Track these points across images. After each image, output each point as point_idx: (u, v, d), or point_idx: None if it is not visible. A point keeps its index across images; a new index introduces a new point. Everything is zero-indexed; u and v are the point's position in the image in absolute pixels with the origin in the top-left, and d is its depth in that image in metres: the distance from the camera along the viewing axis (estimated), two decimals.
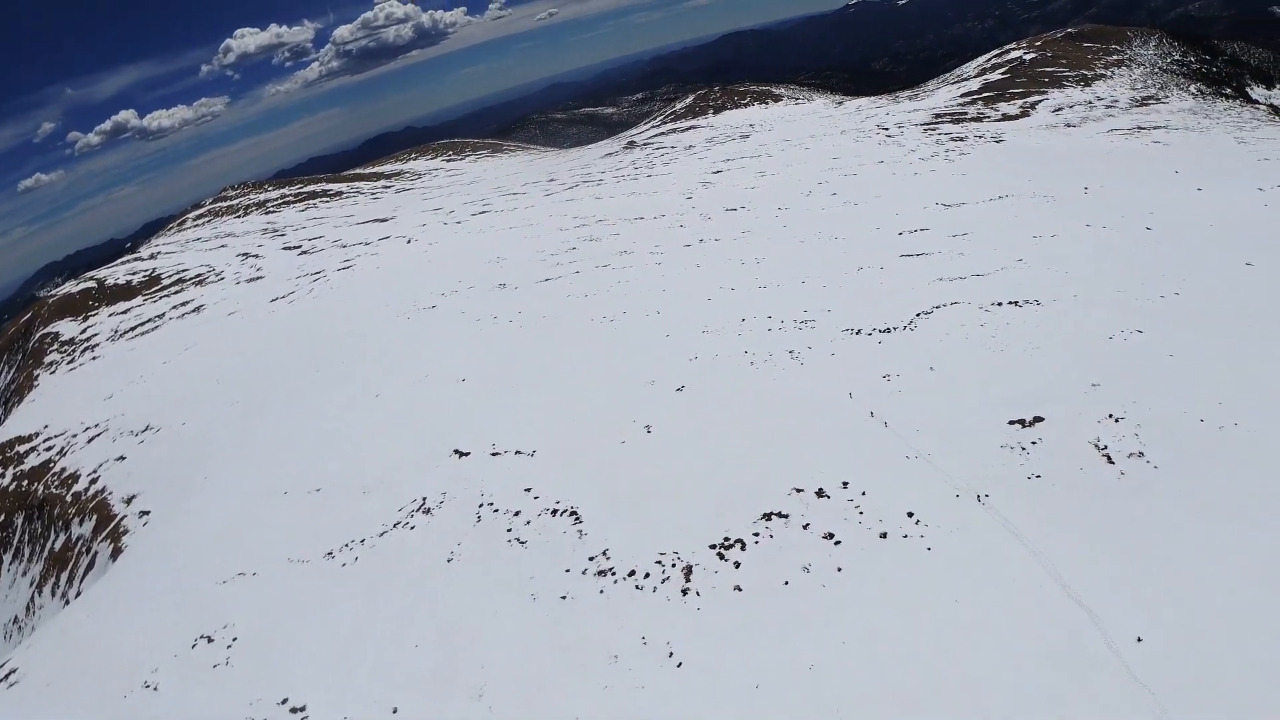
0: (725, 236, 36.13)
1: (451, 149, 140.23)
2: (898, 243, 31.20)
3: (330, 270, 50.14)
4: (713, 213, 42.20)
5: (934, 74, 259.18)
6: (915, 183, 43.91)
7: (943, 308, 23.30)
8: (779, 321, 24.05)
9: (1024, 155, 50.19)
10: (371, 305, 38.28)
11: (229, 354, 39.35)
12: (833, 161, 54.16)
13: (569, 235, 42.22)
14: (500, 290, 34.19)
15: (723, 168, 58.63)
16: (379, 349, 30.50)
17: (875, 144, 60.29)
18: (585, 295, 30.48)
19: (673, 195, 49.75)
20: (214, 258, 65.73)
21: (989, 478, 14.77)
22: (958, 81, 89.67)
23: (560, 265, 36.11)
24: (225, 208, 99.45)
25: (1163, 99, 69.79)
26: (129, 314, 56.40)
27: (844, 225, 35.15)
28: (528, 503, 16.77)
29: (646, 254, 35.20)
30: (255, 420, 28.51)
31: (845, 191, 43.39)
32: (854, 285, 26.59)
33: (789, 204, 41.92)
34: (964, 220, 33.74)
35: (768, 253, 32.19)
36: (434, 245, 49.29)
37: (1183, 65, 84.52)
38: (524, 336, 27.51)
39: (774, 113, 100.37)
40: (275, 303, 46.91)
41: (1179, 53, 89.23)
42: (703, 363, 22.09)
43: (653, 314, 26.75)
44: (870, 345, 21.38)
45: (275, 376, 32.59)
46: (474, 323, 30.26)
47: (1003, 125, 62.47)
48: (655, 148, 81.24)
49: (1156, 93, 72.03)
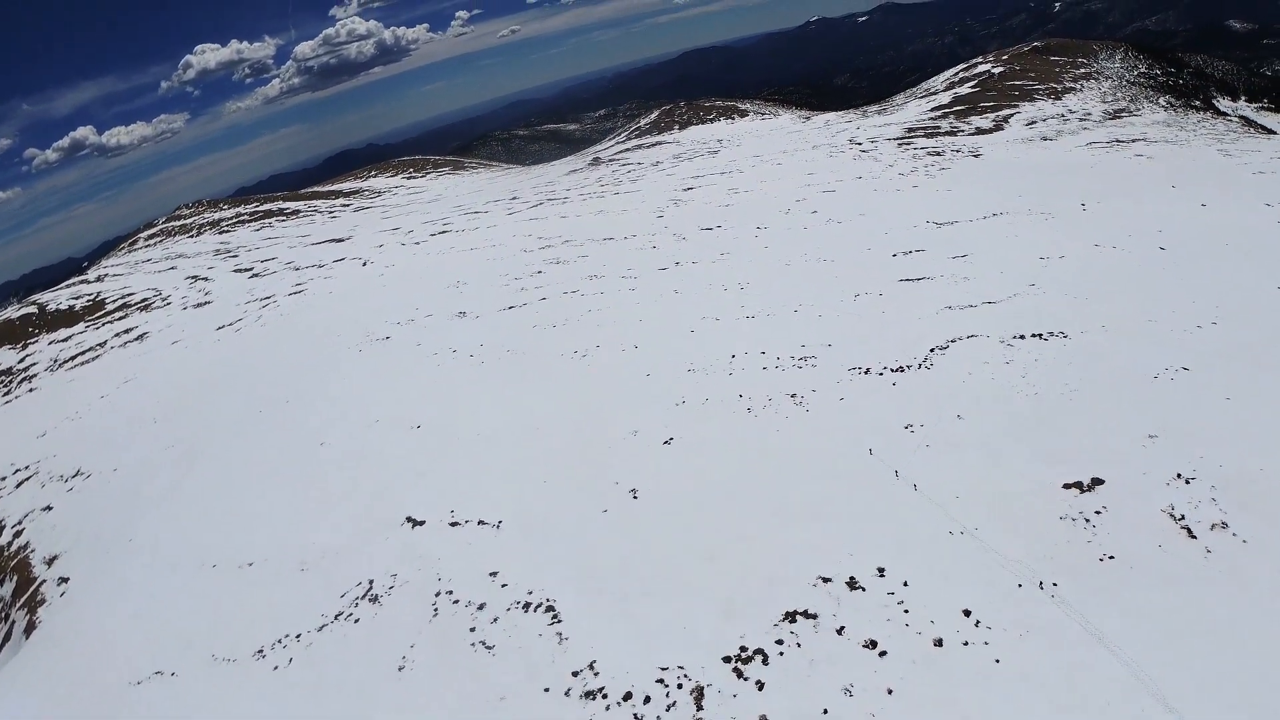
0: (703, 259, 33.59)
1: (412, 166, 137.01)
2: (894, 265, 28.90)
3: (281, 295, 46.98)
4: (687, 232, 39.75)
5: (896, 89, 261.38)
6: (899, 199, 41.86)
7: (959, 342, 20.93)
8: (775, 358, 21.45)
9: (1006, 169, 48.48)
10: (322, 335, 35.30)
11: (169, 389, 36.18)
12: (808, 177, 52.12)
13: (534, 257, 39.52)
14: (460, 319, 31.35)
15: (693, 184, 56.41)
16: (326, 387, 27.57)
17: (850, 159, 58.43)
18: (553, 325, 27.71)
19: (643, 214, 47.31)
20: (162, 280, 62.17)
21: (1052, 560, 12.30)
22: (926, 95, 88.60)
23: (525, 291, 33.33)
24: (178, 227, 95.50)
25: (1135, 112, 68.95)
26: (70, 342, 52.76)
27: (831, 246, 32.85)
28: (494, 592, 13.91)
29: (619, 278, 32.53)
30: (188, 470, 25.49)
31: (826, 209, 41.21)
32: (853, 314, 24.11)
33: (767, 222, 39.62)
34: (960, 240, 31.60)
35: (752, 277, 29.65)
36: (391, 268, 46.38)
37: (1149, 78, 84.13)
38: (486, 374, 24.66)
39: (741, 128, 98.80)
40: (221, 330, 43.73)
41: (1144, 65, 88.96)
42: (692, 408, 19.42)
43: (630, 348, 24.02)
44: (883, 387, 18.92)
45: (214, 418, 29.54)
46: (430, 357, 27.38)
47: (978, 139, 60.98)
48: (622, 164, 78.99)
49: (1128, 105, 71.23)
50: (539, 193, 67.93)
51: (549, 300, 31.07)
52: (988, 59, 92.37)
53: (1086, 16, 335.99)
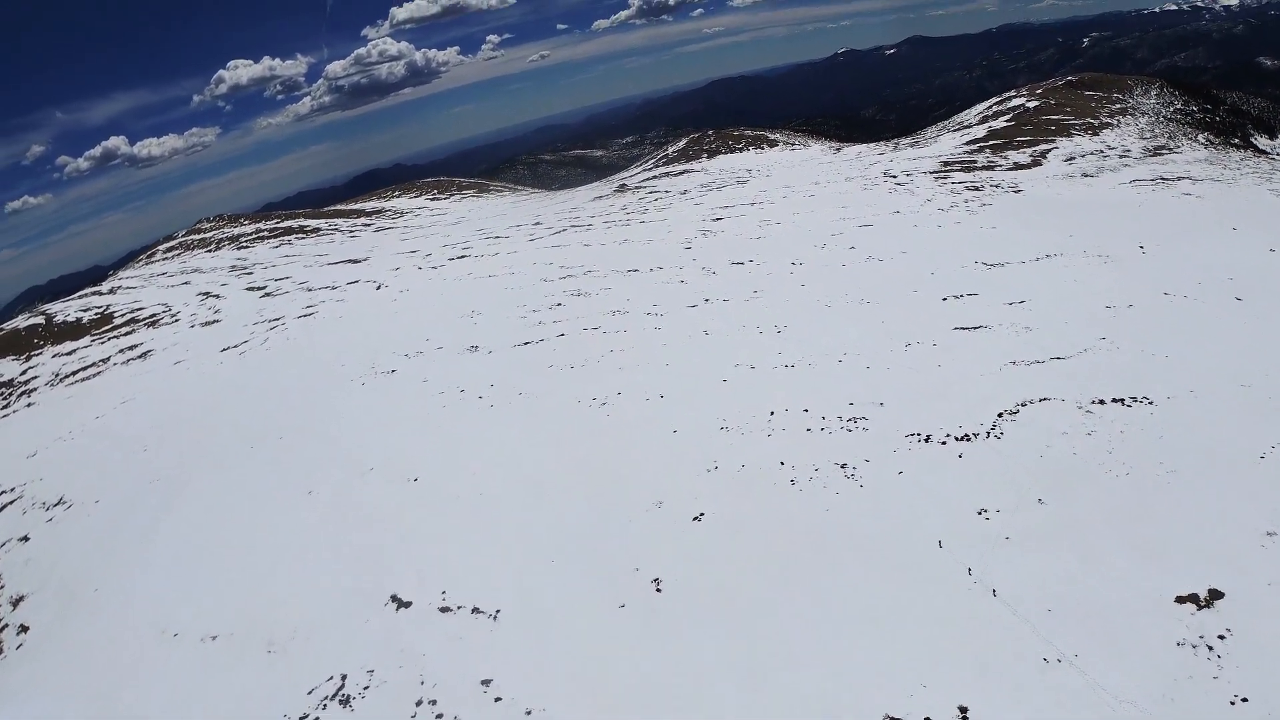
0: (735, 296, 31.19)
1: (436, 187, 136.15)
2: (945, 311, 26.41)
3: (290, 317, 45.12)
4: (717, 266, 37.45)
5: (924, 122, 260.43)
6: (942, 236, 39.47)
7: (1030, 405, 18.30)
8: (819, 417, 18.85)
9: (1050, 207, 46.03)
10: (325, 363, 33.23)
11: (164, 414, 34.21)
12: (843, 210, 49.83)
13: (554, 288, 37.32)
14: (471, 354, 29.12)
15: (722, 215, 54.25)
16: (323, 425, 25.38)
17: (885, 192, 56.15)
18: (571, 366, 25.31)
19: (670, 244, 45.10)
20: (173, 296, 60.68)
21: (1174, 701, 9.71)
22: (959, 129, 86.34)
23: (543, 325, 31.05)
24: (197, 241, 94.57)
25: (1175, 149, 66.40)
26: (73, 356, 51.18)
27: (873, 286, 30.43)
28: (485, 706, 11.43)
29: (643, 314, 30.16)
30: (168, 510, 23.32)
31: (865, 245, 38.86)
32: (906, 367, 21.47)
33: (803, 258, 37.29)
34: (1015, 283, 29.09)
35: (789, 318, 27.18)
36: (405, 293, 44.40)
37: (1186, 114, 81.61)
38: (495, 420, 22.25)
39: (771, 158, 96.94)
40: (226, 352, 41.83)
41: (1180, 101, 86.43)
42: (725, 476, 16.85)
43: (654, 397, 21.46)
44: (947, 459, 16.35)
45: (204, 450, 27.45)
46: (436, 396, 25.13)
47: (1017, 174, 58.52)
48: (648, 191, 77.09)
49: (1167, 142, 68.71)
50: (562, 219, 66.03)
51: (568, 337, 28.77)
52: (1021, 92, 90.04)
53: (1115, 52, 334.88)
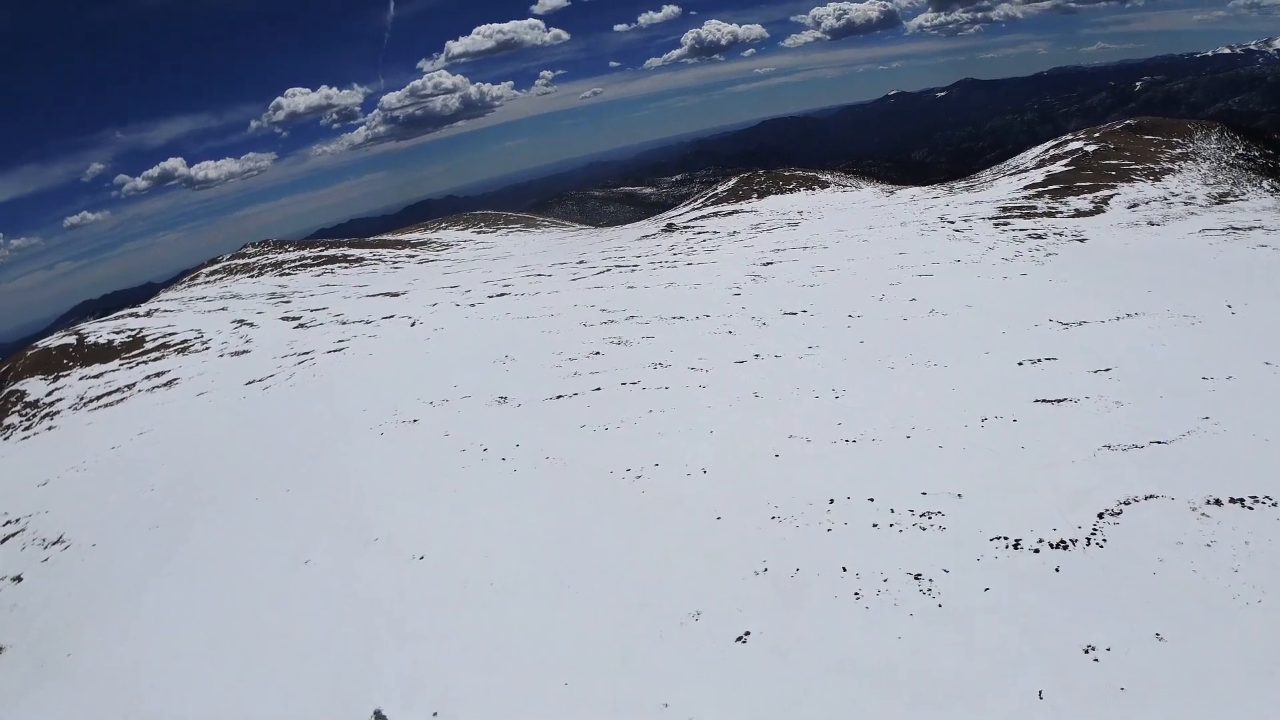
0: (788, 351, 28.67)
1: (484, 220, 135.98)
2: (1022, 378, 23.58)
3: (320, 351, 43.56)
4: (767, 315, 35.00)
5: (975, 165, 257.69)
6: (1008, 289, 36.61)
7: (1134, 504, 15.37)
8: (888, 509, 16.09)
9: (1119, 258, 42.88)
10: (347, 405, 31.36)
11: (178, 450, 32.65)
12: (900, 258, 47.16)
13: (594, 333, 35.13)
14: (500, 406, 26.93)
15: (773, 259, 51.90)
16: (333, 480, 23.30)
17: (943, 239, 53.36)
18: (605, 427, 22.86)
19: (717, 289, 42.79)
20: (208, 322, 59.83)
21: None
22: (1016, 173, 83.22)
23: (578, 376, 28.80)
24: (241, 265, 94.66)
25: (1240, 196, 62.67)
26: (100, 379, 50.30)
27: (940, 345, 27.74)
28: None
29: (687, 370, 27.77)
30: (159, 566, 21.44)
31: (926, 296, 36.15)
32: (984, 449, 18.63)
33: (860, 310, 34.70)
34: (1096, 346, 26.17)
35: (849, 381, 24.54)
36: (439, 331, 42.61)
37: (1248, 160, 77.72)
38: (517, 490, 19.86)
39: (822, 199, 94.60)
40: (250, 386, 40.36)
41: (1242, 146, 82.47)
42: (776, 582, 14.10)
43: (696, 472, 18.89)
44: (1042, 574, 13.47)
45: (209, 497, 25.60)
46: (457, 455, 22.93)
47: (1079, 222, 55.32)
48: (696, 231, 75.12)
49: (1232, 189, 64.97)
50: (607, 258, 64.19)
51: (604, 391, 26.41)
52: (1078, 136, 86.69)
53: (1168, 96, 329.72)
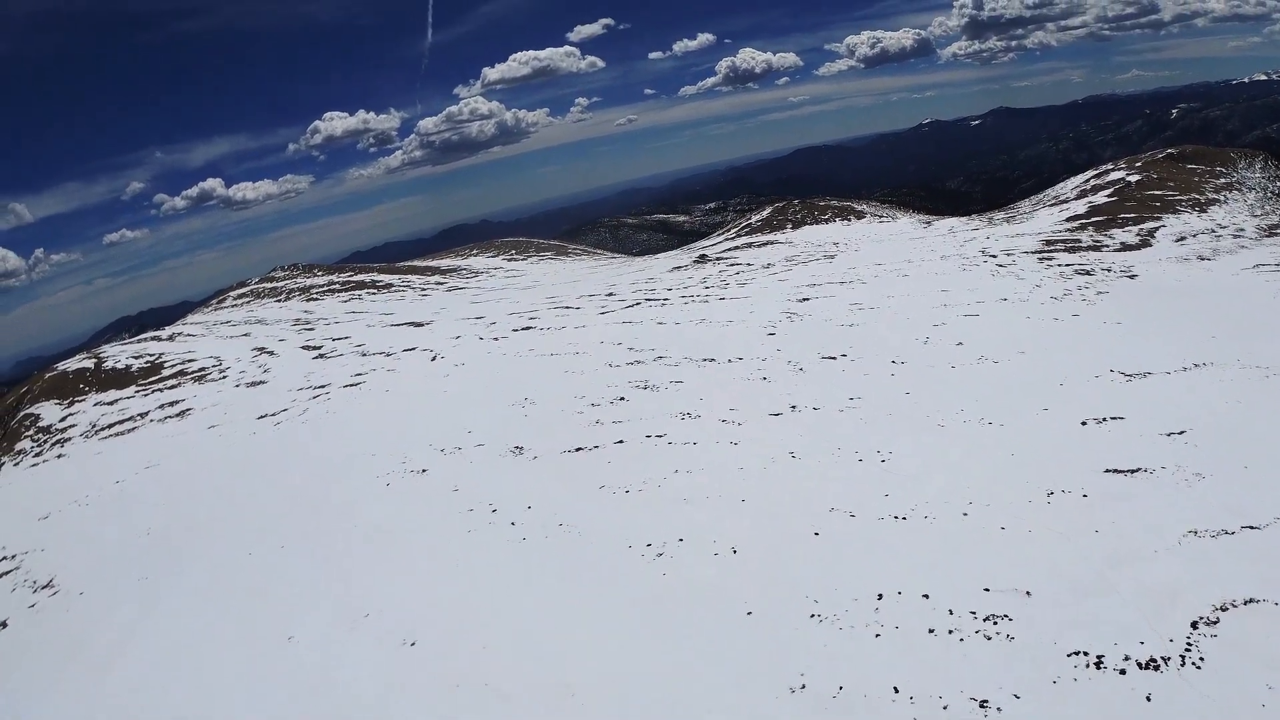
0: (827, 403, 26.37)
1: (515, 247, 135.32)
2: (1087, 440, 21.06)
3: (336, 385, 42.05)
4: (805, 359, 32.77)
5: (1010, 194, 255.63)
6: (1061, 332, 34.10)
7: (1232, 610, 12.62)
8: (945, 611, 13.48)
9: (1174, 296, 40.19)
10: (357, 449, 29.59)
11: (181, 489, 31.16)
12: (942, 295, 44.81)
13: (619, 375, 33.12)
14: (514, 458, 24.92)
15: (809, 294, 49.79)
16: (329, 538, 21.38)
17: (987, 274, 50.96)
18: (626, 490, 20.64)
19: (751, 328, 40.67)
20: (229, 349, 58.83)
21: None
22: (1056, 203, 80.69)
23: (600, 425, 26.71)
24: (268, 289, 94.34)
25: None
26: (114, 406, 49.31)
27: (992, 398, 25.30)
28: None
29: (717, 422, 25.47)
30: (136, 628, 19.62)
31: (974, 340, 33.78)
32: (1052, 531, 15.92)
33: (904, 354, 32.40)
34: (1165, 403, 23.56)
35: (894, 440, 22.06)
36: (460, 367, 40.92)
37: None
38: (524, 565, 17.61)
39: (858, 230, 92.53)
40: (262, 420, 38.92)
41: None
42: (815, 704, 11.58)
43: (725, 551, 16.47)
44: (1131, 704, 10.82)
45: (202, 549, 23.86)
46: (463, 515, 20.91)
47: (1127, 256, 52.66)
48: (729, 263, 73.27)
49: None
50: (637, 289, 62.41)
51: (627, 445, 24.26)
52: (1119, 165, 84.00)
53: (1204, 124, 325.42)
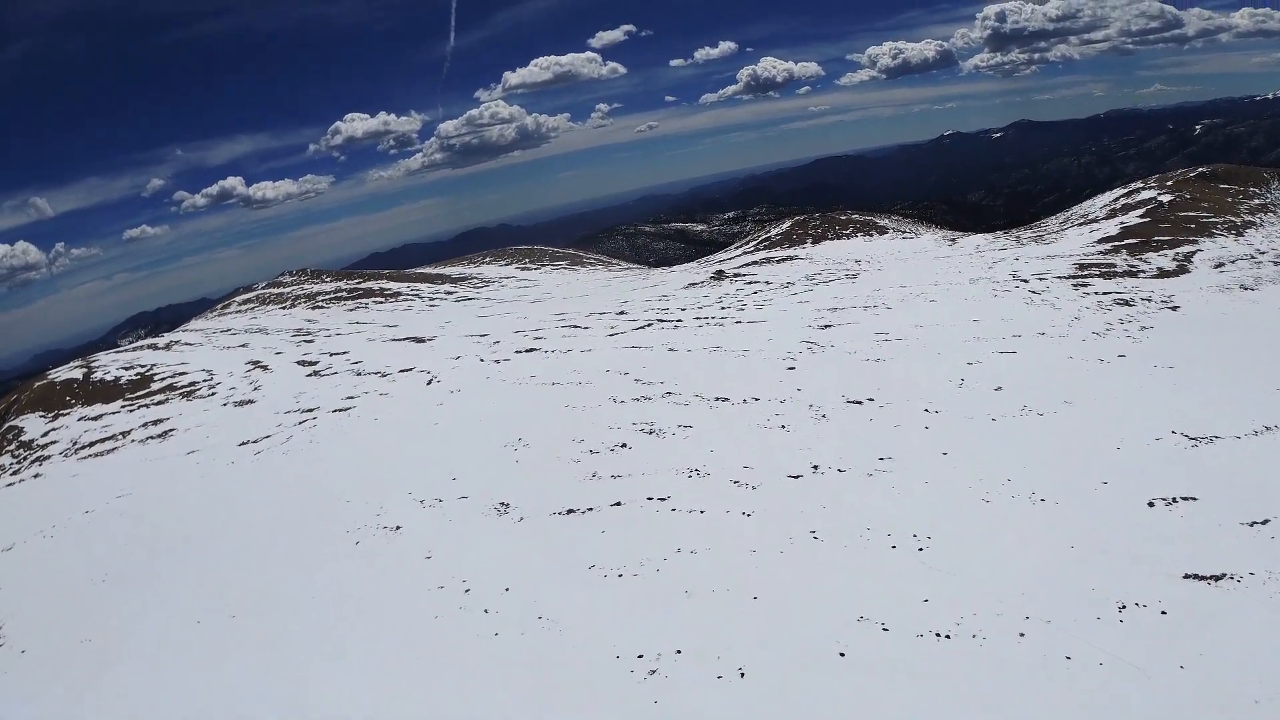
0: (854, 464, 23.21)
1: (529, 256, 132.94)
2: (1157, 528, 17.66)
3: (325, 410, 39.63)
4: (827, 402, 29.83)
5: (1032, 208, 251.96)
6: (1109, 377, 30.93)
7: None
8: None
9: (1223, 333, 37.02)
10: (332, 492, 27.01)
11: (145, 528, 28.83)
12: (974, 326, 41.80)
13: (623, 415, 30.32)
14: (498, 518, 22.09)
15: (830, 320, 46.89)
16: (281, 614, 18.59)
17: (1019, 301, 47.97)
18: (619, 573, 17.60)
19: (769, 360, 37.80)
20: (223, 361, 56.67)
21: None
22: (1085, 222, 77.41)
23: (597, 480, 23.84)
24: (274, 295, 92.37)
25: None
26: (98, 422, 47.21)
27: (1042, 465, 22.07)
28: None
29: (728, 484, 22.42)
30: (70, 708, 17.26)
31: (1013, 384, 30.73)
32: (1126, 663, 12.66)
33: (937, 399, 29.42)
34: (1240, 479, 20.20)
35: (933, 523, 18.77)
36: (455, 395, 38.35)
37: None
38: (493, 671, 14.41)
39: (880, 247, 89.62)
40: (244, 447, 36.64)
41: None
42: None
43: (731, 674, 13.32)
44: None
45: (151, 608, 21.34)
46: (433, 594, 17.99)
47: (1165, 284, 49.44)
48: (747, 281, 70.46)
49: None
50: (650, 308, 59.68)
51: (625, 509, 21.32)
52: (1149, 184, 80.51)
53: (1228, 140, 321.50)
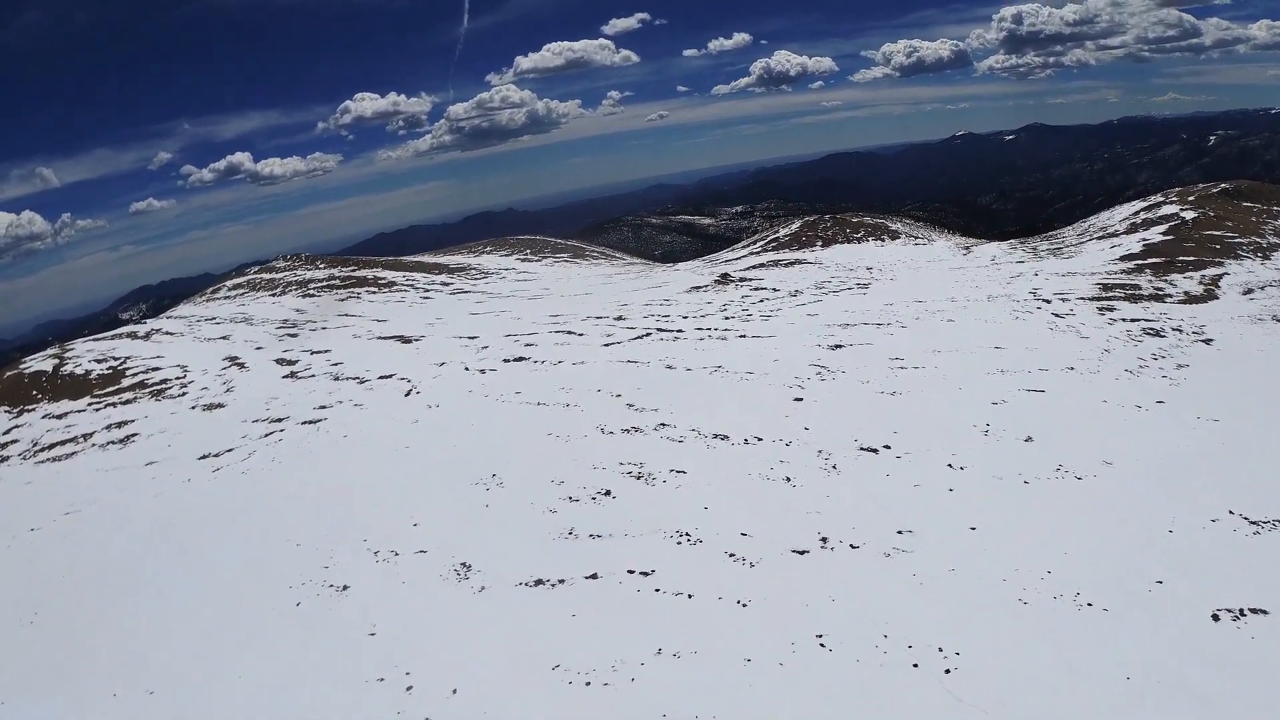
0: (869, 538, 19.76)
1: (530, 247, 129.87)
2: (1226, 658, 14.96)
3: (293, 421, 36.81)
4: (838, 448, 26.78)
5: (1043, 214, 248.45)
6: (1151, 433, 27.61)
7: None
8: None
9: (1265, 377, 33.87)
10: (280, 533, 24.11)
11: (89, 555, 26.11)
12: (997, 354, 38.82)
13: (611, 450, 27.31)
14: (457, 584, 19.08)
15: (842, 338, 43.93)
16: (201, 695, 15.97)
17: (1043, 326, 45.02)
18: (587, 681, 14.40)
19: (774, 386, 34.82)
20: (200, 354, 53.85)
21: None
22: (1104, 236, 74.25)
23: (574, 539, 20.66)
24: (265, 281, 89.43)
25: None
26: (62, 421, 44.36)
27: (1087, 558, 18.81)
28: None
29: (723, 556, 19.12)
30: None
31: (1045, 434, 27.69)
32: None
33: (961, 450, 26.37)
34: None
35: (961, 633, 15.39)
36: (432, 411, 35.55)
37: None
38: None
39: (892, 253, 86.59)
40: (203, 462, 33.99)
41: None
42: None
43: None
44: None
45: (72, 669, 18.49)
46: (366, 691, 14.86)
47: (1193, 311, 46.37)
48: (753, 286, 67.45)
49: None
50: (650, 314, 56.72)
51: (602, 584, 18.18)
52: (1170, 198, 77.26)
53: (1243, 153, 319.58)
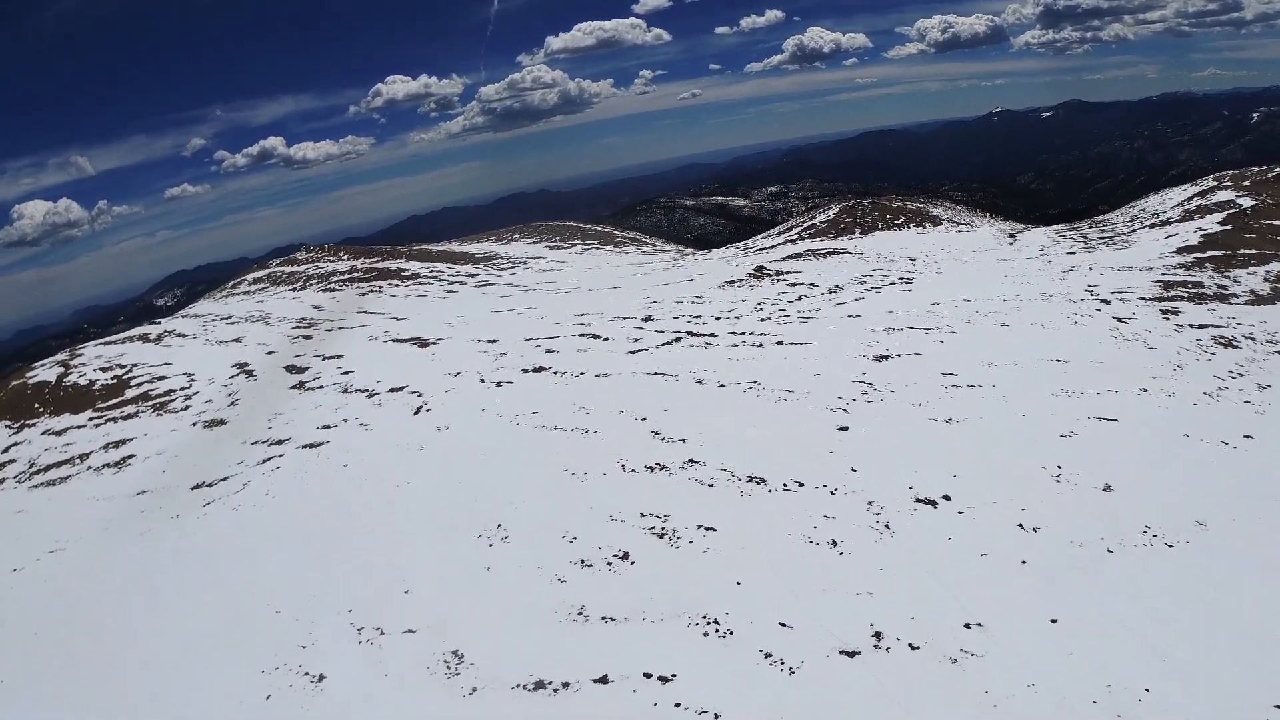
0: (931, 638, 16.02)
1: (559, 233, 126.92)
2: None
3: (294, 446, 34.26)
4: (890, 502, 23.13)
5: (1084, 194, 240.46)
6: (1242, 479, 23.63)
7: None
8: None
9: None
10: (260, 595, 21.51)
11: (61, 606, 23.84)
12: (1062, 373, 34.95)
13: (632, 499, 24.11)
14: (445, 682, 16.00)
15: (889, 347, 40.43)
16: None
17: (1105, 332, 41.15)
18: None
19: (816, 410, 31.43)
20: (210, 359, 51.63)
21: None
22: (1157, 224, 69.58)
23: (584, 622, 17.64)
24: (286, 274, 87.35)
25: None
26: (62, 438, 42.28)
27: (1191, 665, 15.18)
28: None
29: (758, 657, 15.74)
30: None
31: (1125, 482, 23.87)
32: None
33: (1031, 505, 22.44)
34: None
35: None
36: (441, 434, 32.87)
37: None
38: None
39: (935, 241, 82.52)
40: (195, 493, 31.70)
41: None
42: None
43: None
44: None
45: None
46: None
47: (1263, 314, 42.21)
48: (790, 281, 63.85)
49: None
50: (681, 314, 53.50)
51: (611, 693, 14.68)
52: (1225, 182, 71.97)
53: None
